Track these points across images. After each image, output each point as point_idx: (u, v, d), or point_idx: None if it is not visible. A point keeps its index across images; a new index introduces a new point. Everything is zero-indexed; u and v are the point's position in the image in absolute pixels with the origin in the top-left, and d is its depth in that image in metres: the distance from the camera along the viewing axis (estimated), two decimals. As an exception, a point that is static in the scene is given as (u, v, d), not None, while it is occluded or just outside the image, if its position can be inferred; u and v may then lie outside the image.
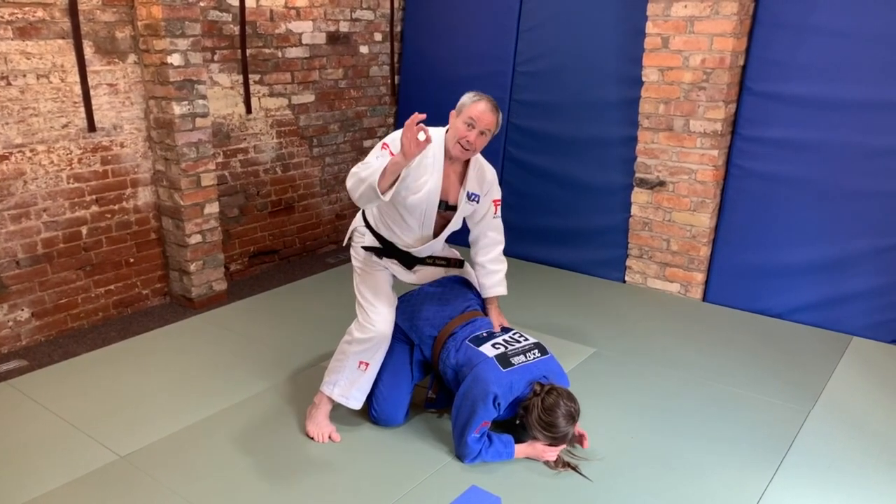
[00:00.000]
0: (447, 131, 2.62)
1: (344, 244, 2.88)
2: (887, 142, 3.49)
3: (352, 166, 5.17)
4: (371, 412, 2.82)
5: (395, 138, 2.50)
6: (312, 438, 2.73)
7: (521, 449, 2.62)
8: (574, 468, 2.57)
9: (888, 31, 3.43)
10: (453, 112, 2.60)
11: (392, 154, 2.44)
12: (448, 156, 2.61)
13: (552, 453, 2.59)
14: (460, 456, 2.61)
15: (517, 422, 2.65)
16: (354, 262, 2.80)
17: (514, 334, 2.74)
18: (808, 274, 3.78)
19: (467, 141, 2.54)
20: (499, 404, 2.52)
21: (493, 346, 2.64)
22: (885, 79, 3.46)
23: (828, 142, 3.65)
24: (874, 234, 3.59)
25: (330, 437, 2.73)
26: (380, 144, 2.55)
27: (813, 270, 3.77)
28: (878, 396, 3.08)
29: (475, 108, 2.53)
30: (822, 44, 3.59)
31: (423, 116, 2.30)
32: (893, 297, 3.56)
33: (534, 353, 2.66)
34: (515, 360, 2.60)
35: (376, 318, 2.67)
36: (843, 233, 3.67)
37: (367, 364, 2.68)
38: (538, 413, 2.53)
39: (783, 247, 3.84)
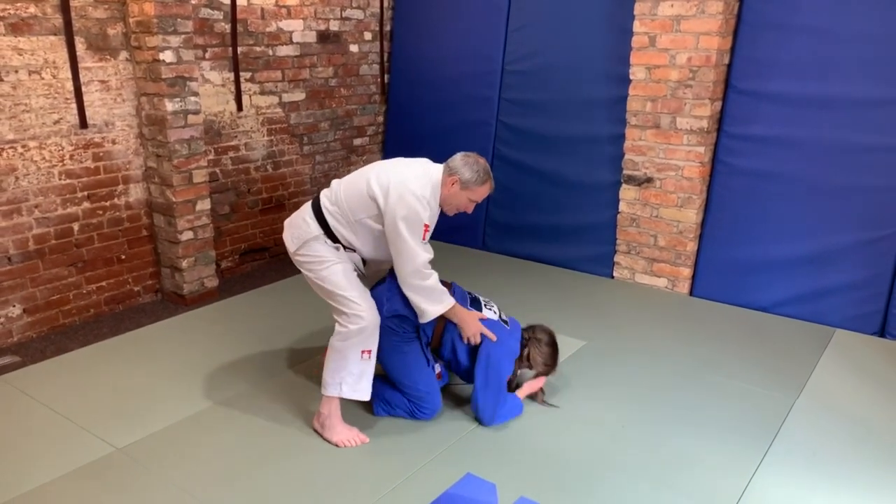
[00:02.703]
0: (443, 185, 2.66)
1: (293, 251, 2.74)
2: (869, 139, 3.57)
3: (342, 164, 5.23)
4: (422, 413, 2.82)
5: (430, 217, 2.61)
6: (337, 445, 2.68)
7: (521, 394, 2.91)
8: (544, 400, 2.95)
9: (870, 30, 3.51)
10: (453, 179, 2.64)
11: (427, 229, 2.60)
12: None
13: (539, 384, 2.92)
14: (494, 417, 2.78)
15: (517, 372, 2.88)
16: (315, 265, 2.70)
17: (479, 296, 2.98)
18: (793, 268, 3.86)
19: (466, 212, 2.78)
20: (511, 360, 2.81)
21: (489, 309, 2.87)
22: (867, 77, 3.54)
23: (811, 139, 3.73)
24: (856, 229, 3.67)
25: (358, 439, 2.71)
26: (423, 226, 2.57)
27: (797, 264, 3.84)
28: (861, 386, 3.16)
29: (482, 192, 2.70)
30: (805, 43, 3.67)
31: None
32: (875, 290, 3.64)
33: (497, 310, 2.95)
34: (504, 318, 2.89)
35: (362, 306, 2.66)
36: (826, 227, 3.75)
37: (369, 352, 2.69)
38: (545, 354, 2.89)
39: (768, 242, 3.92)
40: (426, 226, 2.56)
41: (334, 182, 2.79)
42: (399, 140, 5.43)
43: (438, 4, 5.06)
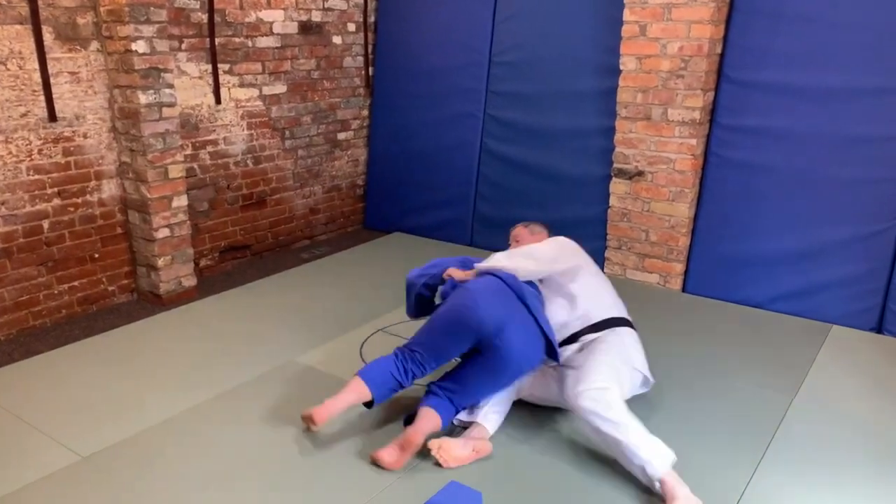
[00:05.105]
0: None
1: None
2: (865, 129, 3.49)
3: (325, 159, 5.10)
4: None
5: None
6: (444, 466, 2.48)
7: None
8: None
9: (864, 19, 3.42)
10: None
11: None
12: None
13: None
14: None
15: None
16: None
17: None
18: (787, 263, 3.77)
19: None
20: None
21: None
22: (862, 67, 3.46)
23: (805, 130, 3.64)
24: (852, 223, 3.58)
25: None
26: None
27: (792, 259, 3.75)
28: (859, 383, 3.08)
29: None
30: (799, 31, 3.58)
31: None
32: (871, 285, 3.56)
33: None
34: None
35: None
36: (822, 221, 3.66)
37: None
38: None
39: (762, 236, 3.82)
40: None
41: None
42: (385, 134, 5.31)
43: (423, -5, 4.94)
